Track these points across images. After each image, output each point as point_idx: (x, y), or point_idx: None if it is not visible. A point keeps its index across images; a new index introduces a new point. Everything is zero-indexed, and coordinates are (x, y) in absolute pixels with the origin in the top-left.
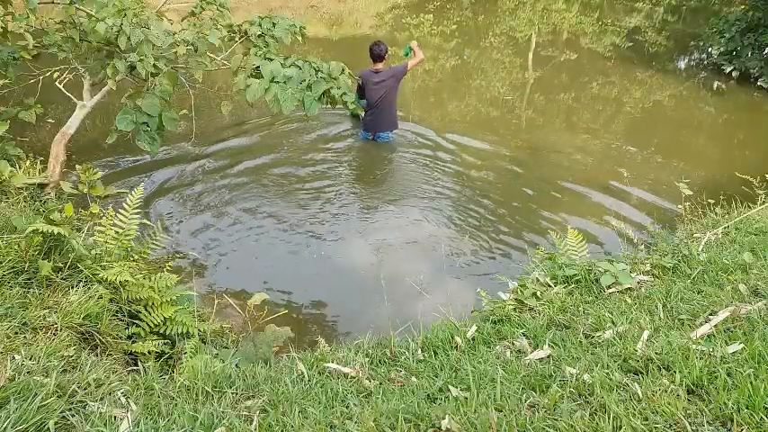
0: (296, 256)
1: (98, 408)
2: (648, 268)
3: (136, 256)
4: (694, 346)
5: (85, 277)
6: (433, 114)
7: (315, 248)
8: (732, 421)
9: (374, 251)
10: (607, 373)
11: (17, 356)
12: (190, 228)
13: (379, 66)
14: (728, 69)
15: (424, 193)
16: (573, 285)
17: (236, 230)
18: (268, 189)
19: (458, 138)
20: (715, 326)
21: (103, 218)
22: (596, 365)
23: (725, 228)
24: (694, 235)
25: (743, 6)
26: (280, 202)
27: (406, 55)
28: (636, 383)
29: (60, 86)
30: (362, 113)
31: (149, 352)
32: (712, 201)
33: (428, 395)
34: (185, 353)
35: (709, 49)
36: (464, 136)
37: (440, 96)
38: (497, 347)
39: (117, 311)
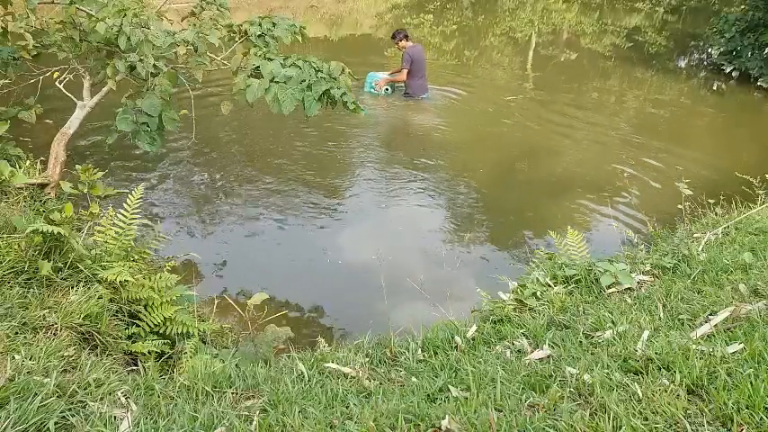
0: (296, 256)
1: (98, 408)
2: (648, 268)
3: (136, 257)
4: (694, 346)
5: (85, 277)
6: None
7: (316, 248)
8: (732, 421)
9: (374, 251)
10: (607, 373)
11: (17, 356)
12: (189, 227)
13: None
14: (728, 69)
15: (424, 193)
16: (573, 285)
17: (235, 230)
18: (267, 188)
19: (458, 138)
20: (715, 326)
21: (103, 218)
22: (596, 365)
23: (725, 228)
24: (694, 235)
25: (743, 6)
26: (279, 201)
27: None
28: (636, 383)
29: (60, 86)
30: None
31: (149, 352)
32: (712, 201)
33: (428, 395)
34: (185, 353)
35: (709, 50)
36: (464, 136)
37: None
38: (497, 347)
39: (117, 311)
